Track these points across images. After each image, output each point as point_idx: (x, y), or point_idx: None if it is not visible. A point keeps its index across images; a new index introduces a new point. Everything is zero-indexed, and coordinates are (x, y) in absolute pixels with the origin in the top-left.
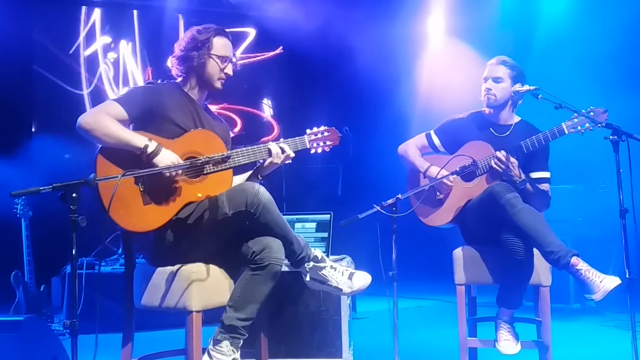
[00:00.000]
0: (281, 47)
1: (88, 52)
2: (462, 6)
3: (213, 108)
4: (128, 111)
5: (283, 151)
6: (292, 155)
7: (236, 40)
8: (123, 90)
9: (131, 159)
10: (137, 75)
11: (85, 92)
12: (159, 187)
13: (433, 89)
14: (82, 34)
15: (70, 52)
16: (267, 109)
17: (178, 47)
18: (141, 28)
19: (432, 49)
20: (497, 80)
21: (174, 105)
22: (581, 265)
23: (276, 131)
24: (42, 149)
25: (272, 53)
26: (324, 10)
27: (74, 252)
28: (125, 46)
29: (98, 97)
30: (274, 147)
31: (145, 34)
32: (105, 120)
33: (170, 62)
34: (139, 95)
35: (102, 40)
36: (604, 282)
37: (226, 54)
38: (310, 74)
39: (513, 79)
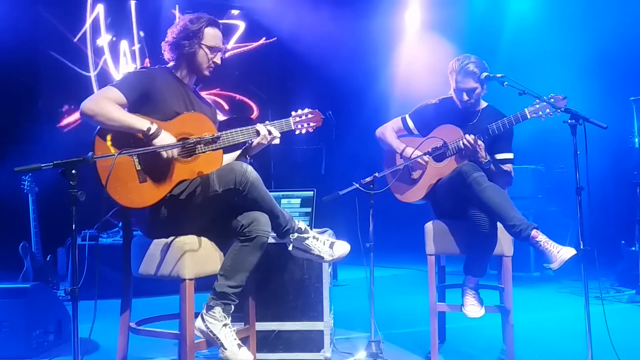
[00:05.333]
0: (275, 38)
1: (98, 41)
2: (437, 1)
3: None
4: (126, 95)
5: (270, 132)
6: (278, 136)
7: (227, 29)
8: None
9: (126, 140)
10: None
11: (92, 74)
12: (154, 166)
13: (410, 77)
14: (88, 22)
15: (75, 39)
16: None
17: (171, 34)
18: (139, 19)
19: (409, 40)
20: (470, 91)
21: (167, 89)
22: (540, 238)
23: (256, 112)
24: (48, 130)
25: (261, 42)
26: (311, 3)
27: (74, 224)
28: (126, 45)
29: (104, 79)
30: (261, 128)
31: (143, 24)
32: (107, 105)
33: (163, 47)
34: (136, 80)
35: (106, 37)
36: (561, 253)
37: (216, 44)
38: (296, 62)
39: (481, 82)
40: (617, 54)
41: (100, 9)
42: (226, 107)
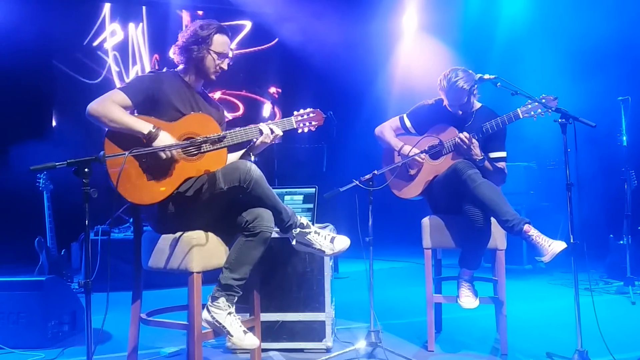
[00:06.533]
0: (276, 40)
1: (98, 42)
2: (433, 5)
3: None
4: (131, 98)
5: (272, 131)
6: (281, 134)
7: (233, 33)
8: (130, 77)
9: (134, 140)
10: (145, 57)
11: (105, 76)
12: (160, 165)
13: (407, 78)
14: (94, 28)
15: (85, 43)
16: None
17: (181, 38)
18: (149, 21)
19: (407, 42)
20: (465, 105)
21: (174, 92)
22: (532, 232)
23: (278, 117)
24: (62, 132)
25: (266, 45)
26: (312, 8)
27: (87, 220)
28: (133, 29)
29: (107, 85)
30: (264, 127)
31: (153, 26)
32: (111, 107)
33: (173, 50)
34: (142, 84)
35: (111, 27)
36: (552, 246)
37: (223, 51)
38: (299, 64)
39: (472, 92)
40: (606, 56)
41: (107, 8)
42: (241, 106)
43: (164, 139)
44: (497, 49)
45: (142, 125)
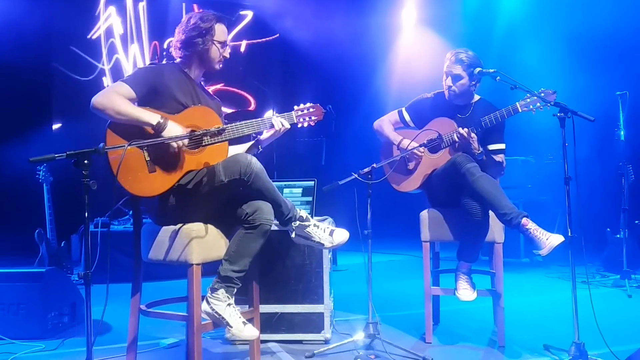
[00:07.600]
0: (276, 35)
1: (92, 32)
2: None
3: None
4: (135, 90)
5: (283, 124)
6: (289, 127)
7: (232, 24)
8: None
9: (136, 132)
10: (144, 37)
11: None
12: (162, 157)
13: (406, 72)
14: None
15: (88, 36)
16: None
17: (181, 32)
18: (149, 15)
19: (406, 36)
20: (455, 78)
21: (175, 84)
22: (530, 225)
23: (253, 105)
24: (61, 127)
25: (265, 39)
26: (312, 2)
27: (86, 212)
28: (131, 5)
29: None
30: (276, 121)
31: (152, 15)
32: (116, 99)
33: (173, 45)
34: (145, 76)
35: (107, 12)
36: (550, 240)
37: (225, 40)
38: (298, 58)
39: (470, 74)
40: (605, 50)
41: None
42: (252, 101)
43: (173, 129)
44: (496, 43)
45: (150, 116)
